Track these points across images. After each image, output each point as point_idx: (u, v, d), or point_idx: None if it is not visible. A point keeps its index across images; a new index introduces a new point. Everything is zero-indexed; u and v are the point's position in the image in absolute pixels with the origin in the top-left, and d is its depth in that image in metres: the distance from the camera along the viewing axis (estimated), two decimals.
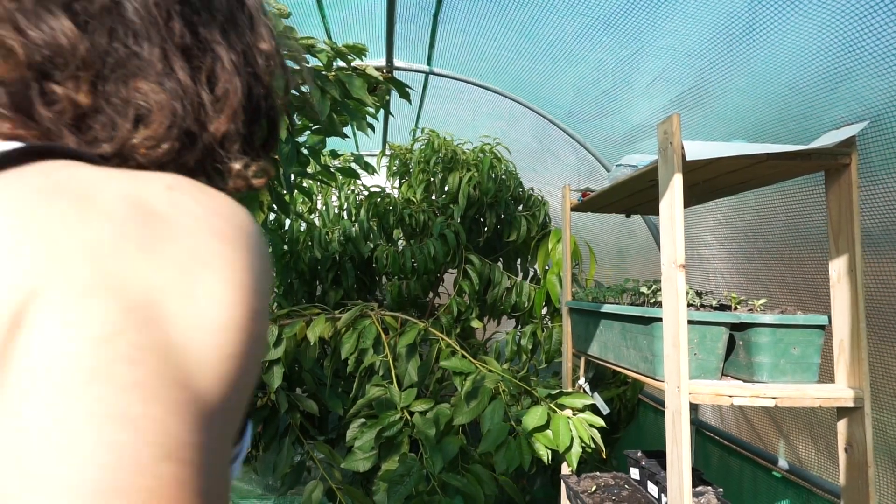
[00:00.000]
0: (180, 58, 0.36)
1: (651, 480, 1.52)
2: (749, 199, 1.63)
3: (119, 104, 0.33)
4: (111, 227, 0.23)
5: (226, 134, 0.38)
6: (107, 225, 0.23)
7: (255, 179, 0.42)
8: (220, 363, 0.23)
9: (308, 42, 1.22)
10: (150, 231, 0.24)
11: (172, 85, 0.35)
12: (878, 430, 1.02)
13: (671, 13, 1.41)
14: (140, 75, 0.34)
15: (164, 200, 0.25)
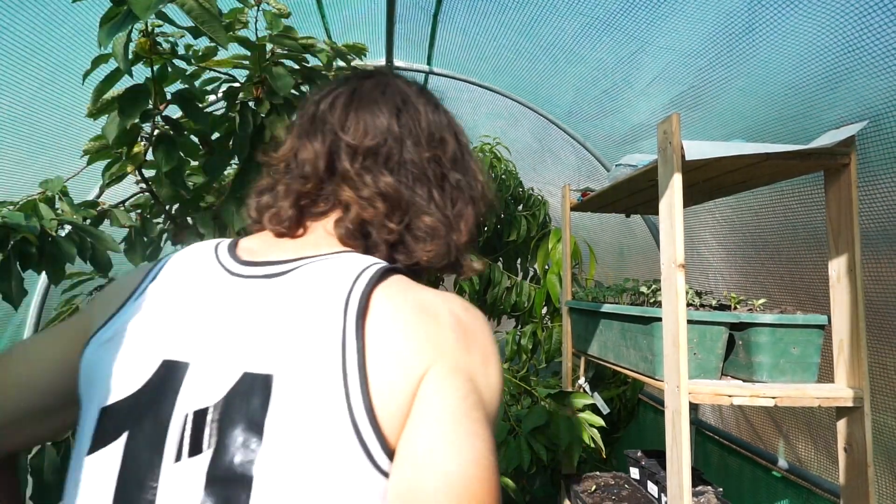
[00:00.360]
0: (437, 194, 0.58)
1: (651, 480, 1.52)
2: (748, 199, 1.63)
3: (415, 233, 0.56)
4: (453, 335, 0.46)
5: (466, 243, 0.60)
6: (451, 334, 0.46)
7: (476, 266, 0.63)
8: (495, 405, 0.47)
9: (308, 42, 1.22)
10: (466, 337, 0.47)
11: (438, 215, 0.57)
12: (876, 431, 1.02)
13: (671, 13, 1.41)
14: (423, 211, 0.56)
15: (465, 316, 0.49)
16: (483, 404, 0.44)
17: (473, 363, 0.46)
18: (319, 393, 0.42)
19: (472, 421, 0.42)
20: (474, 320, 0.49)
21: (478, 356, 0.47)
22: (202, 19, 0.90)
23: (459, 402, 0.43)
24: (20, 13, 1.23)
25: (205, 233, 1.24)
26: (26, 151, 1.53)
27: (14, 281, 0.97)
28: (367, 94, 0.59)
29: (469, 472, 0.40)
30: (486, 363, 0.47)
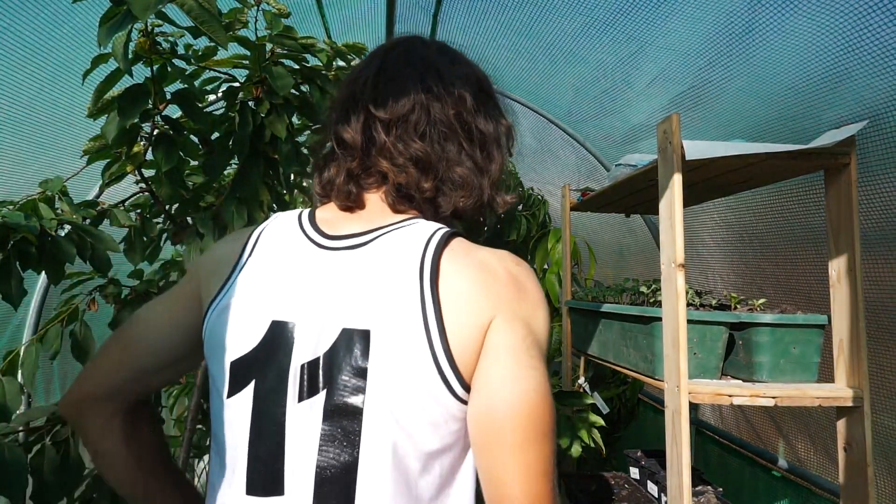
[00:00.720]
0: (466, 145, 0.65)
1: (651, 480, 1.52)
2: (747, 199, 1.63)
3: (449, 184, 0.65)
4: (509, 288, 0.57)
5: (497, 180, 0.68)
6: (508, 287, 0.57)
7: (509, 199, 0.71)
8: (546, 342, 0.57)
9: (308, 42, 1.22)
10: (519, 289, 0.57)
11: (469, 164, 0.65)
12: (874, 431, 1.02)
13: (670, 13, 1.41)
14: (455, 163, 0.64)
15: (517, 271, 0.59)
16: (538, 343, 0.56)
17: (527, 310, 0.57)
18: (408, 341, 0.54)
19: (530, 357, 0.55)
20: (525, 274, 0.60)
21: (530, 304, 0.58)
22: (202, 19, 0.90)
23: (519, 343, 0.55)
24: (20, 14, 1.23)
25: (204, 232, 1.24)
26: (26, 151, 1.53)
27: (14, 281, 0.97)
28: (392, 68, 0.67)
29: (528, 398, 0.53)
30: (536, 309, 0.58)
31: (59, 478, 1.10)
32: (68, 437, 1.16)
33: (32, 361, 1.18)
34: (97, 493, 1.24)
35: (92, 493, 1.24)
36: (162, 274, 1.81)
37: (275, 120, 1.19)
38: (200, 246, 1.24)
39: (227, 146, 1.24)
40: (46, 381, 1.84)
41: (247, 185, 1.27)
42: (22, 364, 1.19)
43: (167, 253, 1.93)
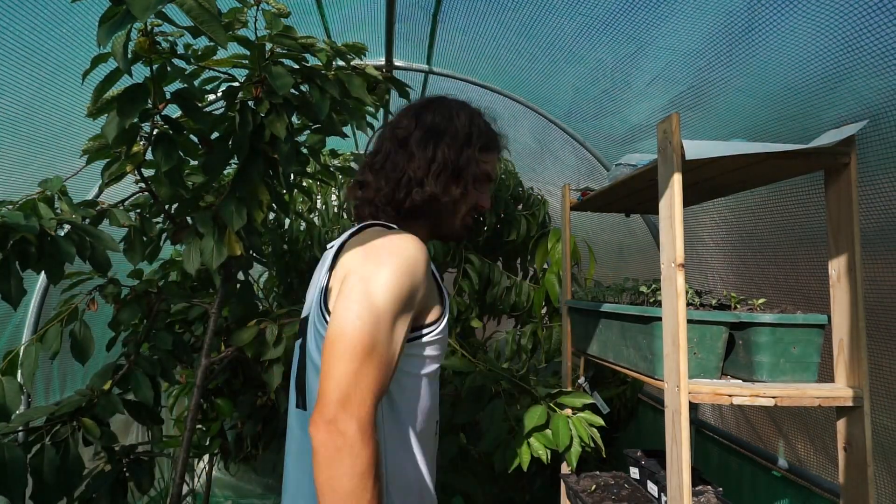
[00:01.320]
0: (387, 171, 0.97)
1: (651, 479, 1.52)
2: (746, 199, 1.63)
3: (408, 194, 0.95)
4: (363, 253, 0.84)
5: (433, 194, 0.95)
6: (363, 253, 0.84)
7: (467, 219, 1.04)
8: (381, 293, 0.78)
9: (307, 41, 1.22)
10: (370, 254, 0.83)
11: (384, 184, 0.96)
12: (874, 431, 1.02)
13: (670, 13, 1.41)
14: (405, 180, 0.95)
15: (379, 242, 0.84)
16: (365, 292, 0.78)
17: (368, 270, 0.81)
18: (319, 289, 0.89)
19: (352, 301, 0.78)
20: (384, 244, 0.84)
21: (371, 266, 0.81)
22: (201, 19, 0.90)
23: (349, 291, 0.79)
24: (20, 13, 1.23)
25: (204, 232, 1.24)
26: (26, 151, 1.53)
27: (13, 280, 0.97)
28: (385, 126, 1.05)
29: (339, 327, 0.77)
30: (378, 268, 0.80)
31: (59, 478, 1.10)
32: (68, 437, 1.16)
33: (32, 361, 1.18)
34: (97, 493, 1.24)
35: (91, 493, 1.24)
36: (161, 274, 1.82)
37: (274, 119, 1.19)
38: (200, 245, 1.24)
39: (227, 146, 1.24)
40: (46, 381, 1.84)
41: (246, 185, 1.27)
42: (22, 364, 1.19)
43: (167, 252, 1.92)
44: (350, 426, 0.71)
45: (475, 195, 1.01)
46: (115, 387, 1.31)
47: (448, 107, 1.01)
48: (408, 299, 0.81)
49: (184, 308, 1.74)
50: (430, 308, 0.89)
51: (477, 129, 1.00)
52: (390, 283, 0.79)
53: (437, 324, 0.90)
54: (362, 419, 0.72)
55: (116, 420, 1.30)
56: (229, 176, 1.41)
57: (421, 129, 0.97)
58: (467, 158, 0.96)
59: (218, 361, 1.39)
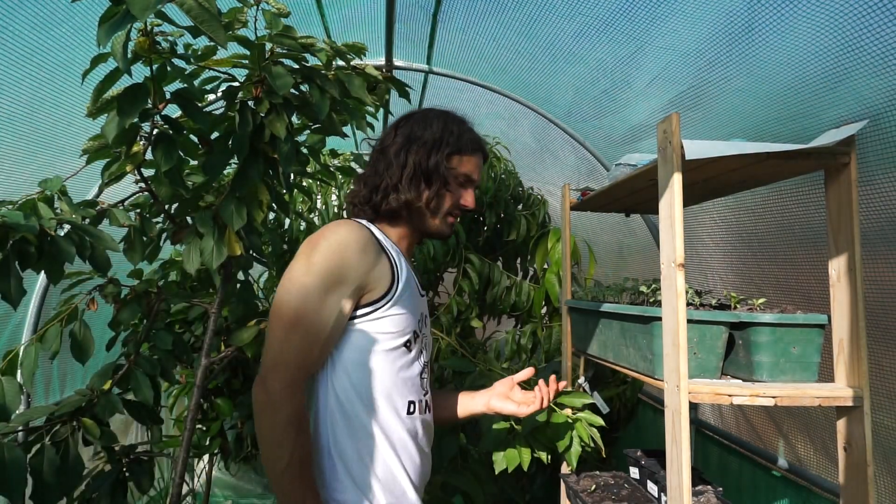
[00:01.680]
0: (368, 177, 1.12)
1: (651, 479, 1.52)
2: (746, 199, 1.63)
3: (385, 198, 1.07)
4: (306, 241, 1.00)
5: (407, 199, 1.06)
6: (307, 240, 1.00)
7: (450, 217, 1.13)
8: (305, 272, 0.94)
9: (307, 41, 1.22)
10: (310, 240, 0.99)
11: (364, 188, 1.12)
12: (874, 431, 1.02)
13: (670, 13, 1.41)
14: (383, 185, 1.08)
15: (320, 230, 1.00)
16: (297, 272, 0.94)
17: (299, 255, 0.96)
18: None
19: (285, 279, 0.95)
20: (320, 231, 0.98)
21: (306, 248, 0.96)
22: (201, 18, 0.90)
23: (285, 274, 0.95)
24: (19, 12, 1.23)
25: (204, 232, 1.24)
26: (25, 151, 1.53)
27: (13, 280, 0.97)
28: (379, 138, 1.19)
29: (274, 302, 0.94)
30: (310, 250, 0.95)
31: (59, 478, 1.10)
32: (67, 437, 1.16)
33: (32, 361, 1.18)
34: (97, 493, 1.24)
35: (91, 493, 1.24)
36: (162, 273, 1.81)
37: (274, 119, 1.19)
38: (200, 245, 1.24)
39: (227, 146, 1.24)
40: (46, 381, 1.84)
41: (246, 185, 1.26)
42: (21, 364, 1.19)
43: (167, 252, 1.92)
44: (274, 384, 0.89)
45: (452, 196, 1.09)
46: (114, 387, 1.30)
47: (426, 116, 1.10)
48: (336, 276, 0.93)
49: (184, 308, 1.74)
50: (376, 286, 0.98)
51: (449, 134, 1.07)
52: (316, 262, 0.93)
53: (385, 300, 0.98)
54: (285, 379, 0.89)
55: (115, 420, 1.30)
56: (229, 176, 1.41)
57: (399, 138, 1.08)
58: (436, 162, 1.05)
59: (218, 361, 1.39)
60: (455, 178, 1.08)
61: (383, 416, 0.99)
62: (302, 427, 0.90)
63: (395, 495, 0.99)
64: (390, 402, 1.00)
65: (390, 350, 1.00)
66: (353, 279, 0.94)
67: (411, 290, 1.05)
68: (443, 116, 1.10)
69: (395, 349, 1.00)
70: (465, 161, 1.09)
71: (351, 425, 0.97)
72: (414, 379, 1.05)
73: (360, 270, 0.95)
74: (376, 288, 0.98)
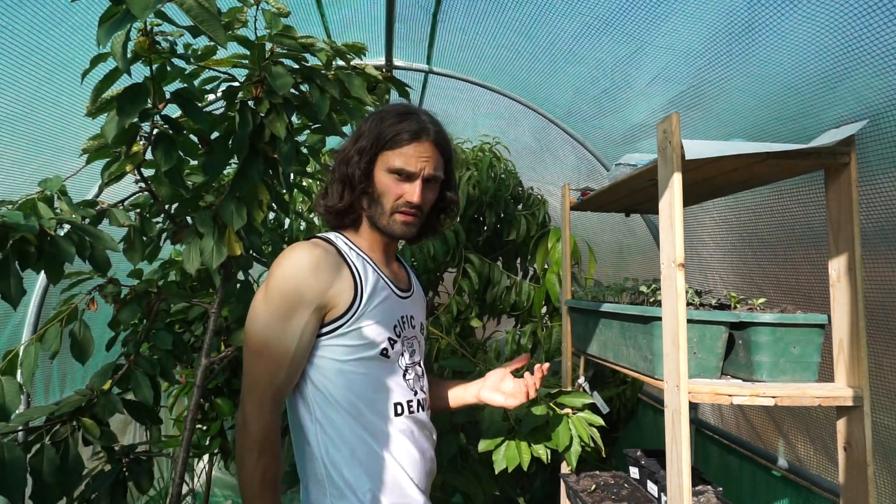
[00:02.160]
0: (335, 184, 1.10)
1: (651, 479, 1.52)
2: (746, 199, 1.63)
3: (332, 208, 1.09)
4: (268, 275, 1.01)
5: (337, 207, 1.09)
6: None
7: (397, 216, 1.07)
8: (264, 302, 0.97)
9: (307, 41, 1.22)
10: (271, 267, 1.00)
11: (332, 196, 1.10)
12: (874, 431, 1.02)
13: (670, 12, 1.41)
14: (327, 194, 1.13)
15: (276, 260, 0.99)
16: (257, 301, 0.97)
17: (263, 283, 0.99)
18: None
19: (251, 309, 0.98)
20: (278, 258, 0.98)
21: (266, 279, 0.98)
22: (201, 18, 0.90)
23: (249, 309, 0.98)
24: (19, 11, 1.22)
25: (204, 232, 1.24)
26: (25, 150, 1.53)
27: (13, 280, 0.97)
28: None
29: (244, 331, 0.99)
30: (268, 279, 0.97)
31: (59, 477, 1.10)
32: (67, 437, 1.16)
33: (32, 361, 1.18)
34: (96, 493, 1.24)
35: (91, 493, 1.24)
36: (161, 273, 1.81)
37: (274, 119, 1.19)
38: (200, 245, 1.24)
39: (227, 145, 1.24)
40: (46, 381, 1.84)
41: (246, 185, 1.26)
42: (21, 363, 1.19)
43: (166, 252, 1.92)
44: (246, 408, 0.94)
45: (389, 194, 1.03)
46: (114, 386, 1.30)
47: (366, 119, 1.08)
48: (293, 301, 0.94)
49: (184, 308, 1.74)
50: (337, 303, 0.98)
51: (369, 134, 1.03)
52: (272, 290, 0.95)
53: (346, 317, 0.98)
54: (253, 401, 0.94)
55: (114, 419, 1.30)
56: (229, 176, 1.41)
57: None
58: (353, 166, 1.04)
59: (218, 361, 1.39)
60: (387, 175, 1.03)
61: (370, 422, 0.99)
62: (265, 448, 0.94)
63: (398, 495, 0.99)
64: (374, 408, 1.00)
65: (364, 360, 0.99)
66: (311, 300, 0.95)
67: (383, 297, 1.03)
68: (377, 115, 1.07)
69: (369, 359, 1.00)
70: (394, 155, 1.02)
71: (340, 434, 0.97)
72: (398, 381, 1.04)
73: (315, 290, 0.95)
74: (337, 305, 0.97)
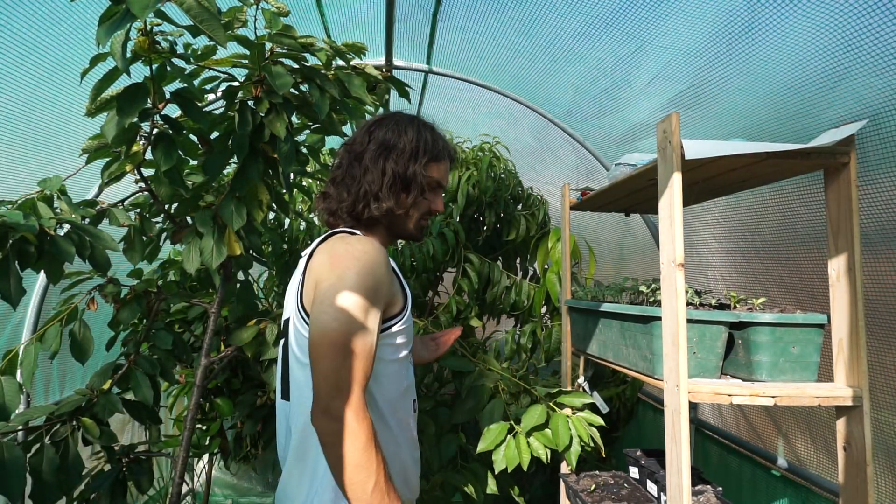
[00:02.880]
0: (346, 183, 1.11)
1: (650, 479, 1.52)
2: (747, 198, 1.63)
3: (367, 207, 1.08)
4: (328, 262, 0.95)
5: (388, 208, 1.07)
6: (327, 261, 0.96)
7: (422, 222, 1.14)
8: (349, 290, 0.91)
9: (307, 41, 1.22)
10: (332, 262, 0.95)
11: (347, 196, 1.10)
12: (875, 429, 1.02)
13: (670, 12, 1.41)
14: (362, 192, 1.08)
15: (341, 249, 0.96)
16: (339, 297, 0.90)
17: (332, 276, 0.92)
18: (293, 297, 1.02)
19: (327, 304, 0.90)
20: (348, 251, 0.95)
21: (336, 272, 0.92)
22: (201, 18, 0.90)
23: (321, 296, 0.91)
24: (18, 10, 1.22)
25: (204, 232, 1.24)
26: (24, 150, 1.53)
27: (13, 280, 0.97)
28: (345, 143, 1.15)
29: (319, 329, 0.89)
30: (345, 272, 0.92)
31: (58, 477, 1.10)
32: (67, 437, 1.16)
33: (31, 361, 1.18)
34: (96, 493, 1.24)
35: (91, 493, 1.24)
36: (161, 273, 1.81)
37: (274, 119, 1.19)
38: (200, 245, 1.24)
39: (227, 145, 1.24)
40: (46, 381, 1.84)
41: (246, 185, 1.26)
42: (21, 363, 1.19)
43: (166, 252, 1.92)
44: (343, 412, 0.86)
45: (426, 202, 1.11)
46: (114, 386, 1.30)
47: (398, 123, 1.11)
48: (373, 296, 0.94)
49: (183, 308, 1.74)
50: (395, 301, 1.01)
51: (423, 143, 1.09)
52: (356, 285, 0.92)
53: (403, 313, 1.03)
54: (352, 404, 0.86)
55: (112, 419, 1.30)
56: (229, 175, 1.41)
57: (374, 144, 1.08)
58: (414, 172, 1.06)
59: (217, 361, 1.39)
60: (429, 185, 1.11)
61: (399, 419, 1.04)
62: (377, 445, 0.89)
63: (410, 489, 1.07)
64: (406, 405, 1.06)
65: (402, 359, 1.05)
66: (383, 296, 0.96)
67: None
68: (414, 122, 1.12)
69: (404, 358, 1.05)
70: (438, 168, 1.12)
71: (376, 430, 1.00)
72: (413, 381, 1.11)
73: (388, 286, 0.98)
74: (395, 303, 1.01)
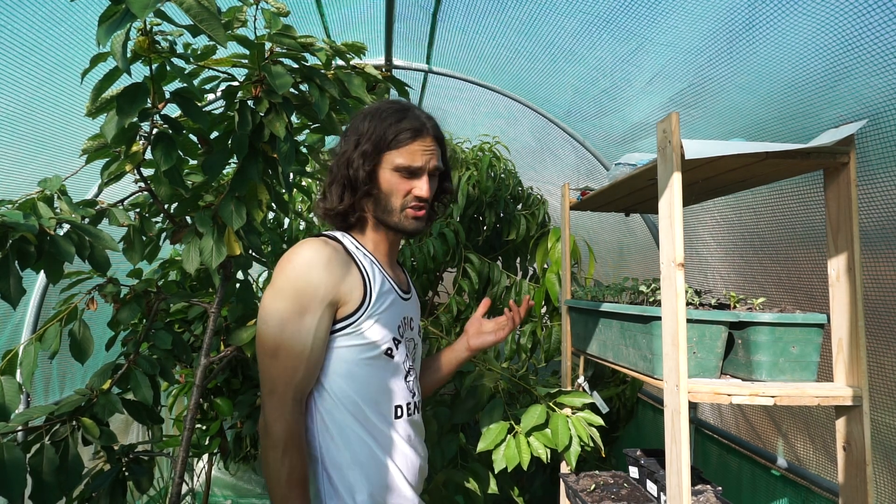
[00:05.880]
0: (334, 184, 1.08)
1: (650, 479, 1.52)
2: (747, 198, 1.63)
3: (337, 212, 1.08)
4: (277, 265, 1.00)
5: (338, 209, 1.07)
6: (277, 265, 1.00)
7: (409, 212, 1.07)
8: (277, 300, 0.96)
9: (307, 41, 1.22)
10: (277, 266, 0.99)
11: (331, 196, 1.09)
12: (874, 429, 1.02)
13: (670, 10, 1.41)
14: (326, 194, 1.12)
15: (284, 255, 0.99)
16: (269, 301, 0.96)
17: (272, 280, 0.97)
18: None
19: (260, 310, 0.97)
20: (284, 257, 0.98)
21: (274, 275, 0.97)
22: (201, 18, 0.90)
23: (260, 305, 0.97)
24: (18, 10, 1.22)
25: (203, 232, 1.24)
26: (24, 150, 1.53)
27: (13, 280, 0.97)
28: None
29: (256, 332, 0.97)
30: (276, 277, 0.96)
31: (58, 477, 1.10)
32: (67, 437, 1.16)
33: (31, 361, 1.18)
34: (96, 493, 1.24)
35: (91, 493, 1.24)
36: (161, 273, 1.81)
37: (274, 119, 1.19)
38: (200, 245, 1.24)
39: (226, 145, 1.24)
40: (45, 381, 1.84)
41: (246, 184, 1.26)
42: (21, 363, 1.19)
43: (166, 252, 1.92)
44: (267, 411, 0.93)
45: (398, 191, 1.04)
46: (114, 386, 1.30)
47: (361, 117, 1.07)
48: (307, 297, 0.94)
49: (183, 307, 1.74)
50: (349, 300, 0.98)
51: (370, 132, 1.03)
52: (283, 289, 0.95)
53: (356, 315, 0.99)
54: (273, 403, 0.93)
55: (115, 419, 1.30)
56: (229, 175, 1.41)
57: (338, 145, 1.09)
58: (357, 167, 1.03)
59: (217, 361, 1.39)
60: (393, 174, 1.04)
61: (373, 424, 1.00)
62: (289, 448, 0.92)
63: (395, 495, 1.01)
64: (377, 410, 1.01)
65: (371, 360, 1.01)
66: (324, 295, 0.95)
67: (389, 297, 1.05)
68: (373, 114, 1.06)
69: (375, 358, 1.01)
70: (399, 154, 1.03)
71: (343, 434, 0.98)
72: (399, 384, 1.06)
73: (328, 286, 0.95)
74: (349, 302, 0.98)
